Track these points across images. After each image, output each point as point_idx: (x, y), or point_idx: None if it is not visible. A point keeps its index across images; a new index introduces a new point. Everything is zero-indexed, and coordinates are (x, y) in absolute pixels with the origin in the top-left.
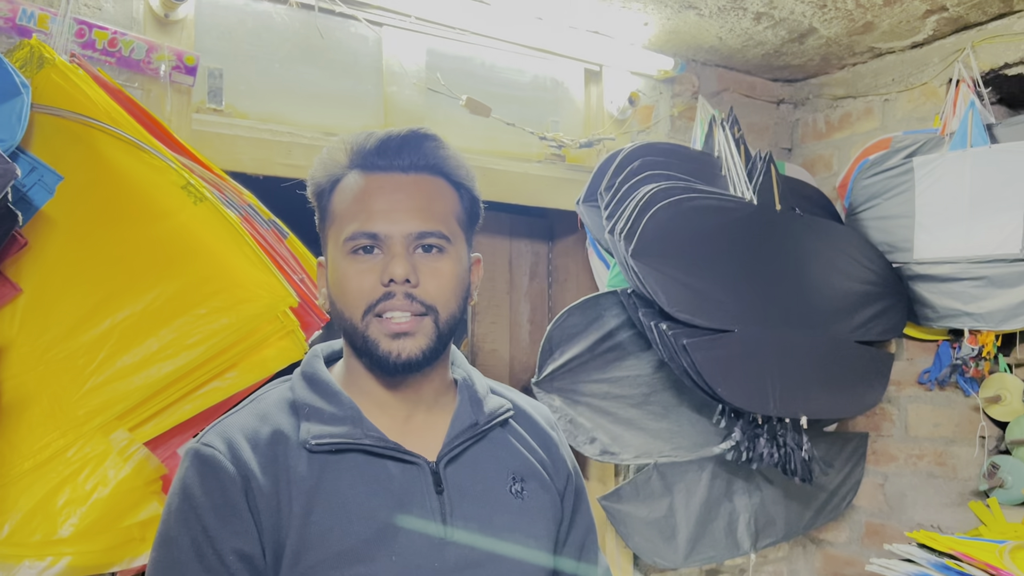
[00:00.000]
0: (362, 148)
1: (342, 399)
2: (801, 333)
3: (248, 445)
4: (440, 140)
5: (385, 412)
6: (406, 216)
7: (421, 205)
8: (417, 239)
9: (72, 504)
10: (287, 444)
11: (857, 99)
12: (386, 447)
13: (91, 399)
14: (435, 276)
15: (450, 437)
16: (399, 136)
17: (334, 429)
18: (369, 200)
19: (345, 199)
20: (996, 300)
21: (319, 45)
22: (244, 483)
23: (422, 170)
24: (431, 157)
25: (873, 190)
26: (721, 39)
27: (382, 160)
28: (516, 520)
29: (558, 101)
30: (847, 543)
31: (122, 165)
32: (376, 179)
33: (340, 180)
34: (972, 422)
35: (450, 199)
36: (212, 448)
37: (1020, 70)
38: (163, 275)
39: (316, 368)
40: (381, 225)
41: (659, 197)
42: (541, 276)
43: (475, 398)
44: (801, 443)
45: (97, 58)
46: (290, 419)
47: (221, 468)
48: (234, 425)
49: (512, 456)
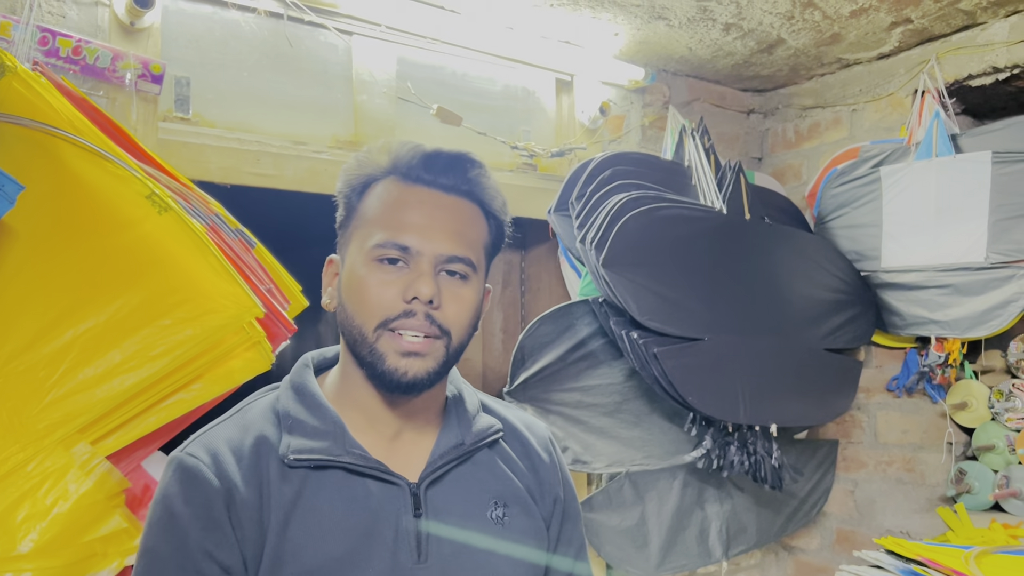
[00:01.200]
0: (407, 157)
1: (327, 412)
2: (771, 341)
3: (232, 457)
4: (485, 168)
5: (374, 427)
6: (441, 236)
7: (457, 229)
8: (446, 262)
9: (32, 519)
10: (270, 455)
11: (825, 109)
12: (367, 466)
13: (52, 412)
14: (456, 301)
15: (433, 457)
16: (448, 155)
17: (315, 444)
18: (405, 211)
19: (378, 204)
20: (962, 308)
21: (288, 53)
22: (227, 495)
23: (463, 194)
24: (473, 183)
25: (842, 199)
26: (691, 49)
27: (427, 175)
28: (495, 547)
29: (529, 110)
30: (818, 550)
31: (85, 175)
32: (416, 192)
33: (375, 182)
34: (940, 428)
35: (482, 228)
36: (196, 459)
37: (983, 81)
38: (127, 286)
39: (304, 378)
40: (414, 240)
41: (630, 206)
42: (514, 285)
43: (464, 417)
44: (771, 451)
45: (61, 66)
46: (275, 429)
47: (204, 480)
48: (219, 436)
49: (496, 479)
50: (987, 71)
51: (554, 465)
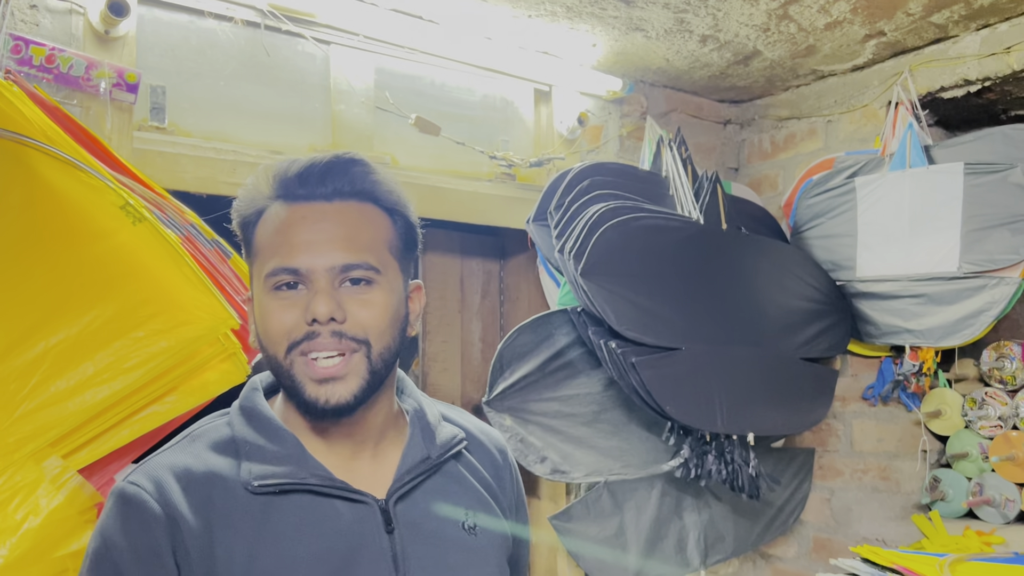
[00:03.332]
0: (284, 177)
1: (284, 436)
2: (747, 350)
3: (178, 485)
4: (369, 164)
5: (330, 450)
6: (329, 248)
7: (346, 235)
8: (342, 272)
9: (2, 535)
10: (224, 485)
11: (801, 120)
12: (332, 486)
13: (23, 425)
14: (365, 307)
15: (400, 473)
16: (322, 163)
17: (277, 468)
18: (290, 232)
19: (267, 232)
20: (935, 317)
21: (265, 63)
22: (171, 525)
23: (348, 197)
24: (359, 182)
25: (817, 209)
26: (668, 60)
27: (303, 189)
28: (469, 558)
29: (508, 120)
30: (796, 558)
31: (58, 185)
32: (298, 209)
33: (264, 211)
34: (914, 437)
35: (381, 226)
36: (137, 487)
37: (955, 93)
38: (100, 297)
39: (255, 402)
40: (302, 259)
41: (608, 217)
42: (493, 294)
43: (427, 430)
44: (748, 459)
45: (34, 75)
46: (226, 458)
47: (145, 509)
48: (163, 464)
49: (465, 491)
50: (959, 83)
51: (510, 466)
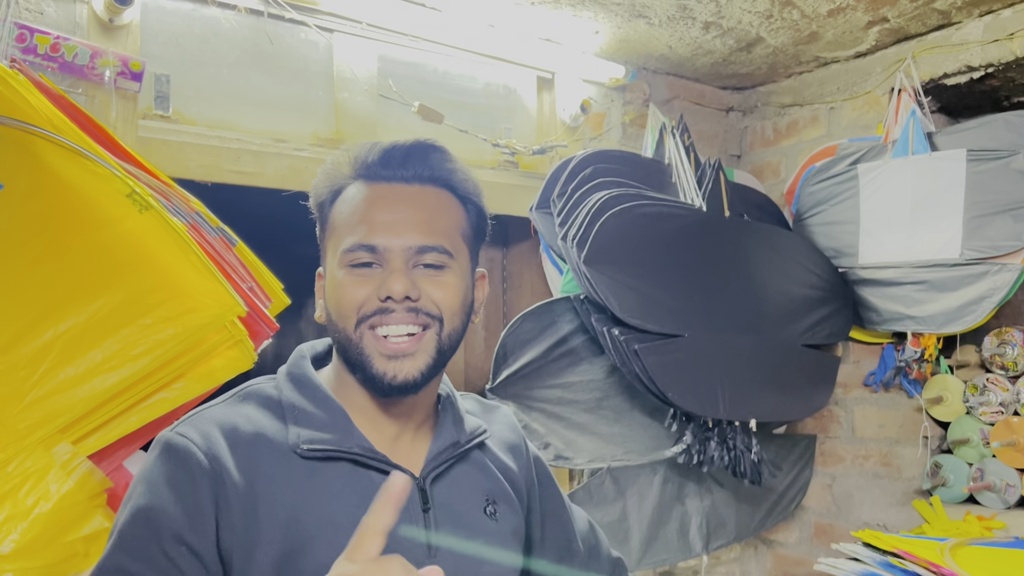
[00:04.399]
0: (365, 158)
1: (333, 404)
2: (749, 337)
3: (225, 441)
4: (447, 152)
5: (374, 427)
6: (408, 228)
7: (424, 218)
8: (418, 254)
9: (13, 520)
10: (270, 446)
11: (804, 107)
12: (375, 458)
13: (32, 412)
14: (439, 287)
15: (433, 454)
16: (404, 146)
17: (325, 435)
18: (370, 211)
19: (345, 210)
20: (937, 304)
21: (269, 51)
22: (215, 478)
23: (427, 182)
24: (436, 169)
25: (819, 196)
26: (671, 48)
27: (385, 171)
28: (491, 541)
29: (511, 108)
30: (797, 543)
31: (65, 173)
32: (379, 189)
33: (342, 191)
34: (916, 423)
35: (455, 213)
36: (185, 438)
37: (958, 80)
38: (107, 285)
39: (305, 369)
40: (381, 238)
41: (610, 204)
42: (496, 282)
43: (457, 416)
44: (751, 446)
45: (39, 63)
46: (274, 420)
47: (192, 459)
48: (211, 418)
49: (487, 477)
50: (962, 70)
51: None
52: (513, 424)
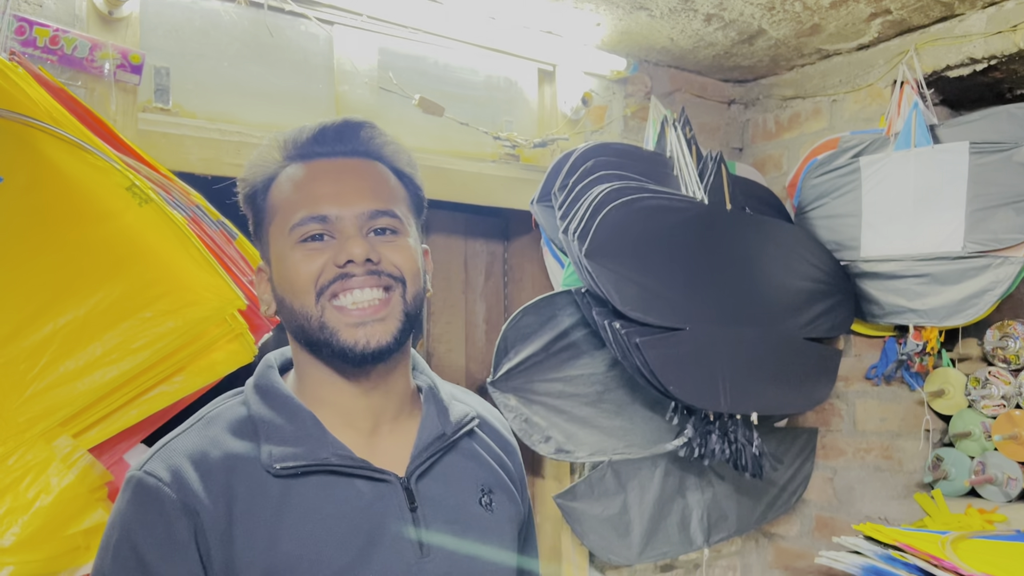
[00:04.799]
0: (297, 140)
1: (303, 415)
2: (751, 331)
3: (196, 473)
4: (377, 128)
5: (350, 424)
6: (356, 197)
7: (370, 186)
8: (371, 219)
9: (14, 513)
10: (242, 468)
11: (806, 99)
12: (354, 465)
13: (33, 405)
14: (397, 251)
15: (418, 449)
16: (335, 125)
17: (297, 450)
18: (313, 185)
19: (285, 190)
20: (939, 297)
21: (269, 43)
22: (189, 513)
23: (363, 156)
24: (369, 144)
25: (821, 189)
26: (673, 40)
27: (321, 147)
28: (487, 533)
29: (512, 101)
30: (798, 536)
31: (64, 166)
32: (318, 165)
33: (276, 176)
34: (917, 416)
35: (394, 184)
36: (155, 478)
37: (961, 72)
38: (107, 278)
39: (272, 380)
40: (331, 207)
41: (612, 197)
42: (497, 275)
43: (441, 407)
44: (752, 439)
45: (38, 56)
46: (244, 440)
47: (165, 499)
48: (180, 450)
49: (480, 467)
50: (965, 62)
51: (517, 447)
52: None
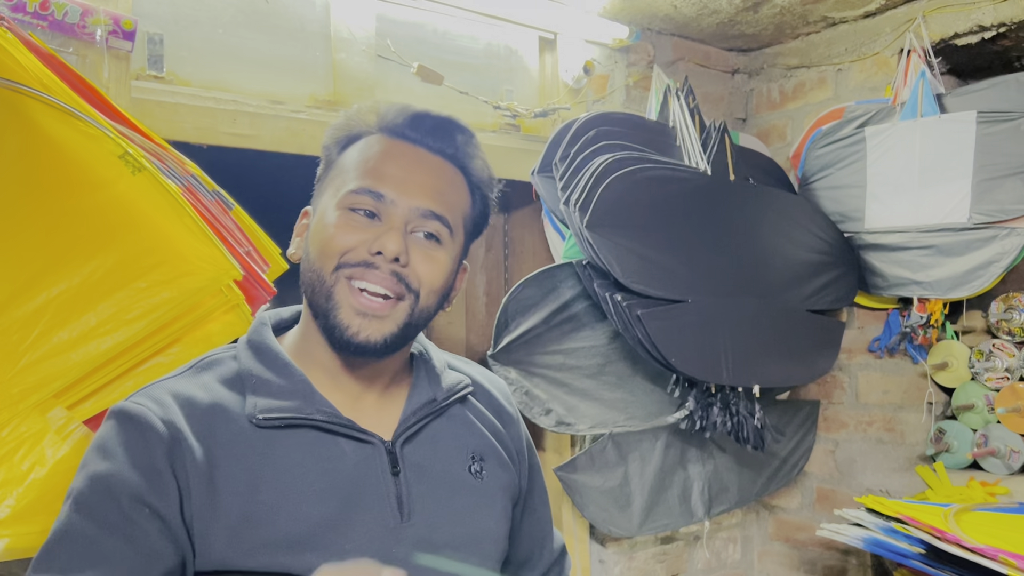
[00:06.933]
0: (394, 116)
1: (292, 371)
2: (753, 302)
3: (181, 411)
4: (474, 139)
5: (338, 387)
6: (418, 190)
7: (437, 186)
8: (422, 217)
9: (8, 485)
10: (227, 417)
11: (811, 69)
12: (339, 423)
13: (26, 376)
14: (428, 261)
15: (407, 414)
16: (435, 116)
17: (283, 403)
18: (384, 161)
19: (359, 155)
20: (944, 268)
21: (264, 10)
22: (172, 443)
23: (448, 158)
24: (458, 150)
25: (826, 160)
26: (676, 7)
27: (413, 132)
28: (476, 501)
29: (512, 69)
30: (799, 509)
31: (56, 134)
32: (400, 146)
33: (360, 137)
34: (920, 388)
35: (464, 196)
36: (140, 405)
37: (969, 40)
38: (101, 247)
39: (264, 337)
40: (389, 189)
41: (614, 168)
42: (497, 247)
43: (432, 373)
44: (754, 411)
45: (28, 22)
46: (231, 391)
47: (148, 425)
48: (167, 388)
49: (471, 434)
50: (973, 30)
51: (518, 417)
52: (507, 394)
